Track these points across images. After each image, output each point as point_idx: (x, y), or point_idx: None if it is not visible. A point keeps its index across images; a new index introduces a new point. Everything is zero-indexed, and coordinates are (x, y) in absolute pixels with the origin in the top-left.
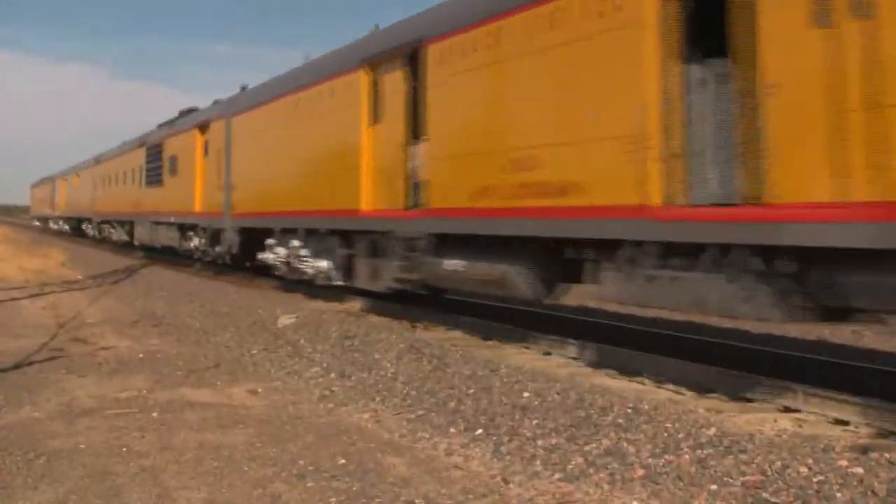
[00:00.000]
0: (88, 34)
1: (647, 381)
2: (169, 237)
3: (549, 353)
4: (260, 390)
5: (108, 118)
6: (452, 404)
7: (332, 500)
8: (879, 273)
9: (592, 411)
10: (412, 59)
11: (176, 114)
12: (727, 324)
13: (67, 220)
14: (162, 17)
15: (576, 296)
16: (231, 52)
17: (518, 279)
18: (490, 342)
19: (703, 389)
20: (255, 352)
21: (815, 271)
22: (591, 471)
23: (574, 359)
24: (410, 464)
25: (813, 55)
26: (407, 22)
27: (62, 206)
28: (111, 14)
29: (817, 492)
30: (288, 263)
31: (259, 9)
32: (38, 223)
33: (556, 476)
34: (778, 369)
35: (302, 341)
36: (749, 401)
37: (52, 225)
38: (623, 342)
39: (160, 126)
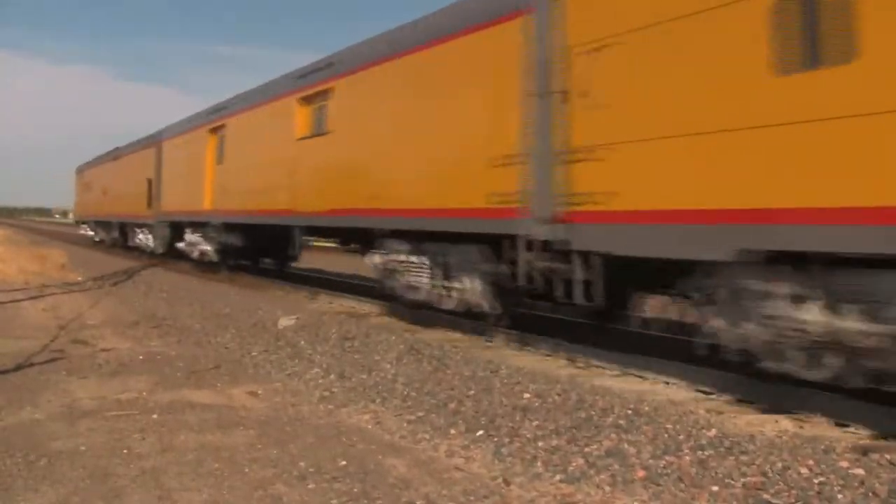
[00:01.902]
0: (89, 36)
1: (647, 382)
2: None
3: (549, 355)
4: (260, 392)
5: (109, 120)
6: (453, 405)
7: (334, 501)
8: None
9: (593, 412)
10: None
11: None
12: None
13: (240, 231)
14: (162, 17)
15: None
16: (231, 52)
17: None
18: (490, 343)
19: (703, 391)
20: (255, 353)
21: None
22: (592, 472)
23: (574, 360)
24: (411, 465)
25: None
26: None
27: (206, 199)
28: (112, 15)
29: (818, 493)
30: None
31: (260, 9)
32: (91, 233)
33: (558, 477)
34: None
35: (302, 342)
36: (749, 402)
37: (141, 238)
38: (624, 343)
39: None
